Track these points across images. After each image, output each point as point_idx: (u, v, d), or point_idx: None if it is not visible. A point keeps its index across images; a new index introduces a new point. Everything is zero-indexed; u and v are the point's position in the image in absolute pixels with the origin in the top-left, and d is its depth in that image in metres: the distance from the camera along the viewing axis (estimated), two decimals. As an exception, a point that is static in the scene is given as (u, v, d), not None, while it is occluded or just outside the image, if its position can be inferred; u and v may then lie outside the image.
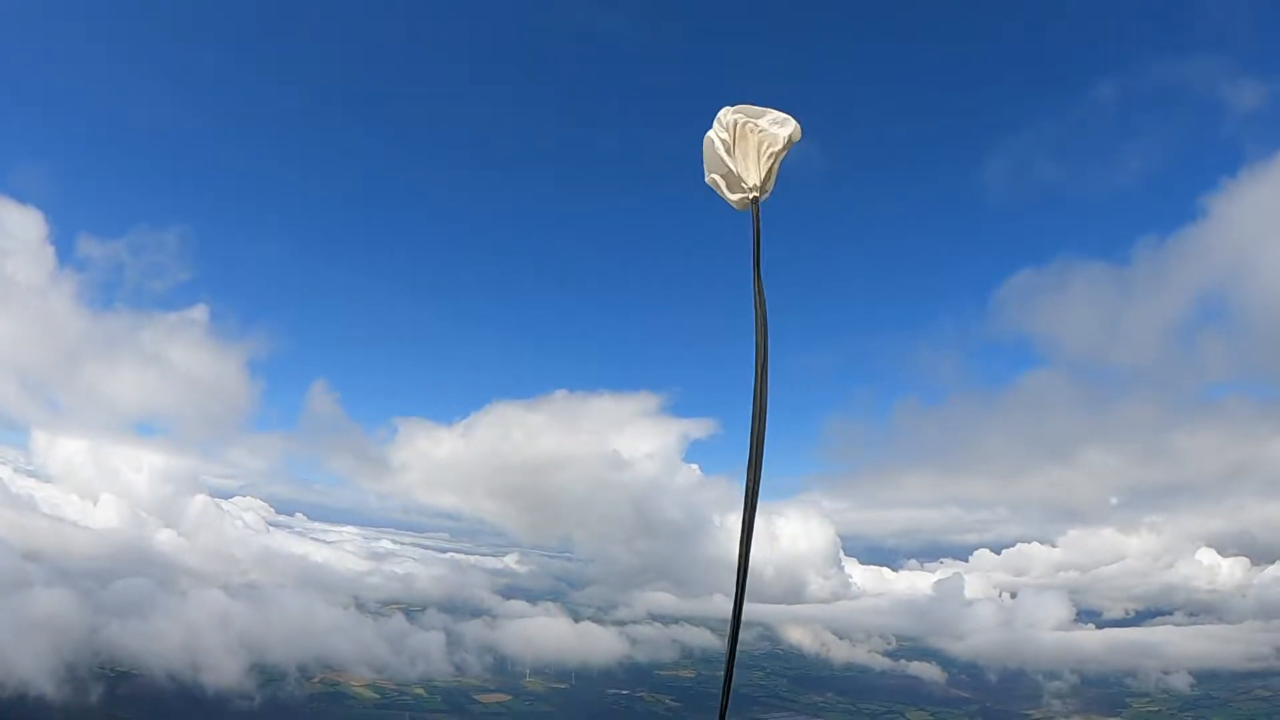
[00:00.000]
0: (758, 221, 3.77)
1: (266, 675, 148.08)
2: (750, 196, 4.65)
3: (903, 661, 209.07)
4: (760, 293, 3.55)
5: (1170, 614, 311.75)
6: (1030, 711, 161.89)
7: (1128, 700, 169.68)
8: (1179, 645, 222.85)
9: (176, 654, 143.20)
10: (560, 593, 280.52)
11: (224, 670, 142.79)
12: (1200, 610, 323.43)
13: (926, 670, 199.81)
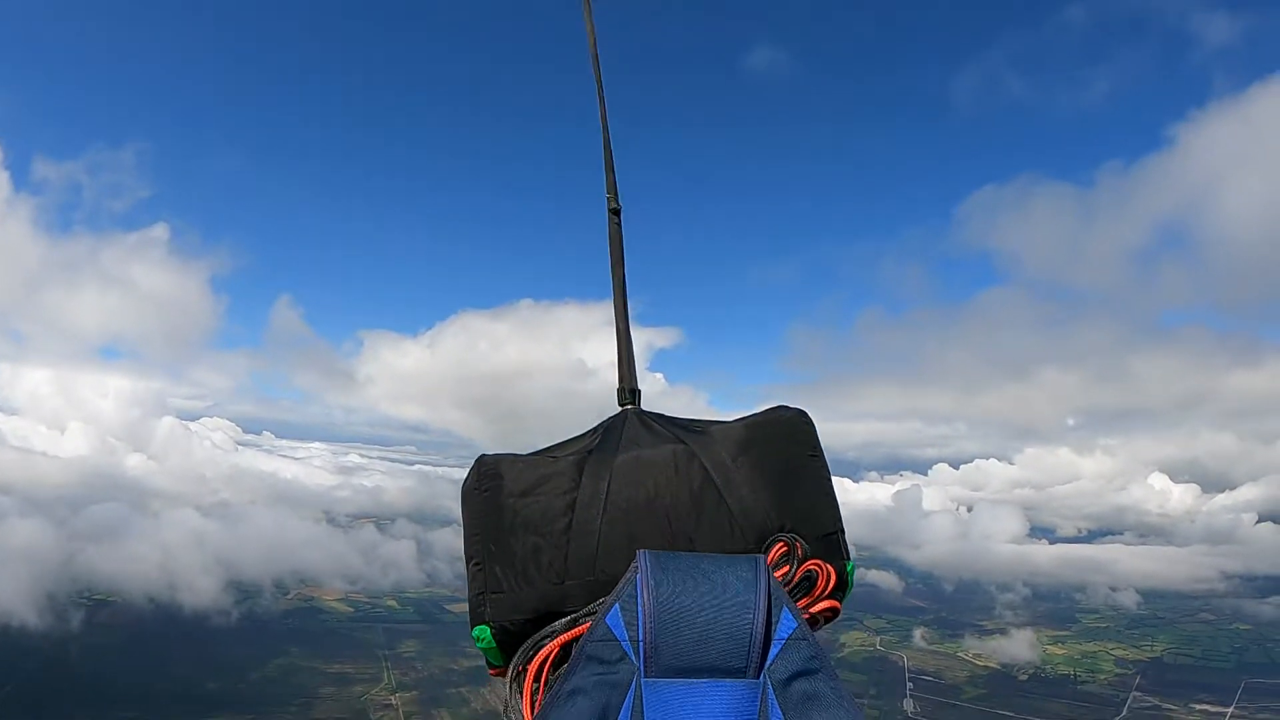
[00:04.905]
0: None
1: (242, 592, 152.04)
2: None
3: (861, 570, 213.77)
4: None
5: (1120, 534, 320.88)
6: (983, 622, 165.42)
7: (1077, 615, 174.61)
8: (1128, 564, 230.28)
9: (153, 576, 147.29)
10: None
11: (200, 589, 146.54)
12: (1150, 533, 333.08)
13: (885, 579, 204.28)
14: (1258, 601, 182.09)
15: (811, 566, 2.54)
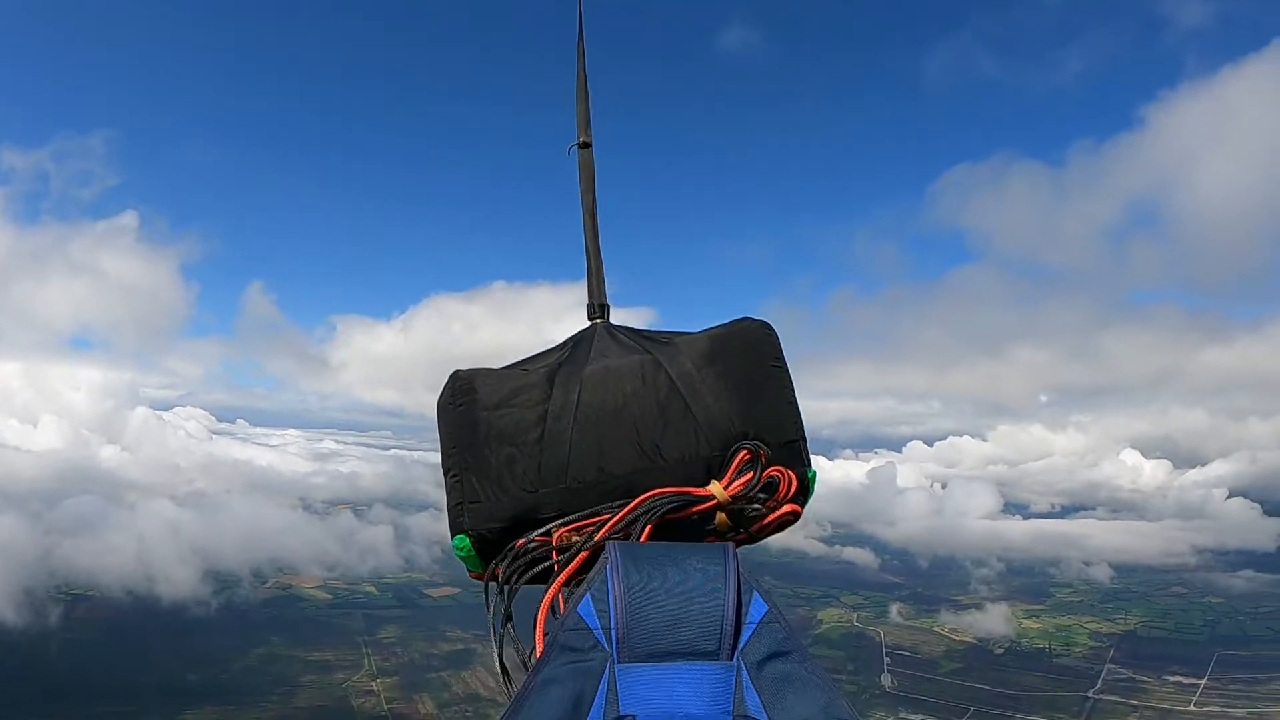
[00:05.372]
0: None
1: (221, 582, 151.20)
2: None
3: (837, 547, 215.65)
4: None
5: (1093, 510, 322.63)
6: (958, 597, 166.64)
7: (1051, 590, 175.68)
8: (1101, 539, 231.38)
9: (130, 568, 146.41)
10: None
11: (178, 580, 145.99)
12: (1122, 508, 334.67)
13: (860, 556, 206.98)
14: (1229, 575, 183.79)
15: (774, 473, 2.63)
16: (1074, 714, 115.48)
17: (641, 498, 2.57)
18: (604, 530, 2.57)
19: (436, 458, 2.71)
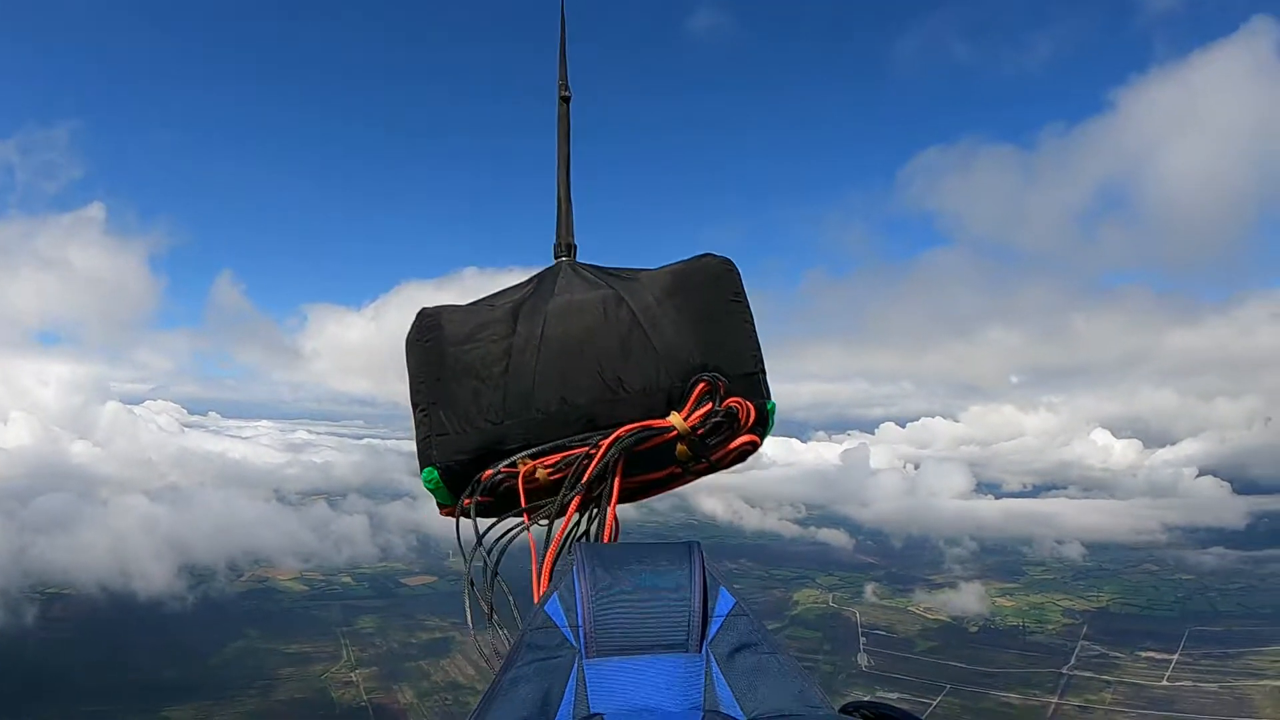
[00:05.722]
0: None
1: (196, 576, 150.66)
2: None
3: (812, 528, 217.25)
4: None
5: (1065, 489, 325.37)
6: (933, 576, 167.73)
7: (1024, 568, 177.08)
8: (1072, 517, 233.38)
9: (105, 564, 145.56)
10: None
11: (154, 576, 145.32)
12: (1093, 487, 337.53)
13: (835, 537, 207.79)
14: (1199, 552, 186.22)
15: (733, 403, 2.78)
16: (1049, 690, 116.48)
17: (606, 443, 2.67)
18: (586, 475, 2.67)
19: (410, 446, 3.01)
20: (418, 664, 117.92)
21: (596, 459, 2.69)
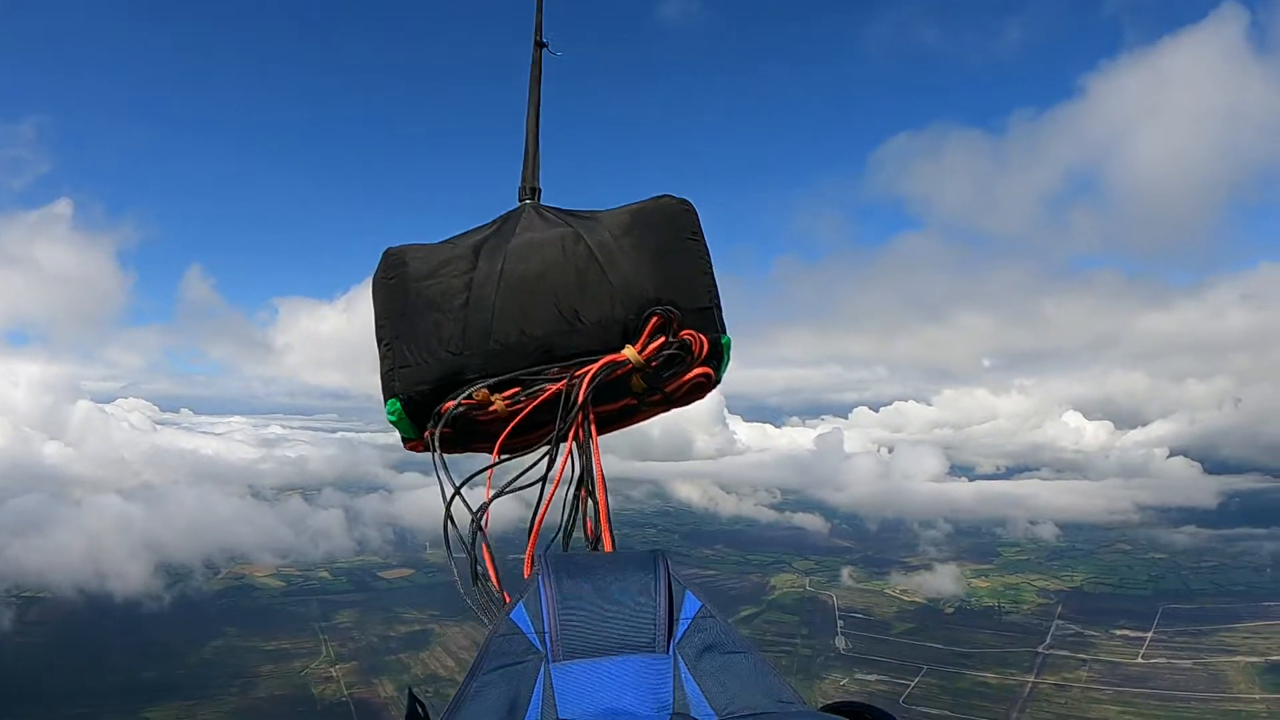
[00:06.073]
0: None
1: (173, 575, 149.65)
2: None
3: (787, 513, 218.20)
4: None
5: (1038, 470, 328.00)
6: (908, 559, 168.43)
7: (999, 549, 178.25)
8: (1046, 499, 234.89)
9: (81, 566, 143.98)
10: (453, 462, 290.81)
11: (130, 576, 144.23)
12: (1066, 468, 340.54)
13: (810, 521, 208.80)
14: (1171, 531, 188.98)
15: (686, 335, 2.90)
16: (1025, 669, 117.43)
17: (586, 382, 2.79)
18: (542, 398, 2.82)
19: (385, 439, 3.24)
20: (397, 657, 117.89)
21: (551, 390, 2.79)
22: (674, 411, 3.17)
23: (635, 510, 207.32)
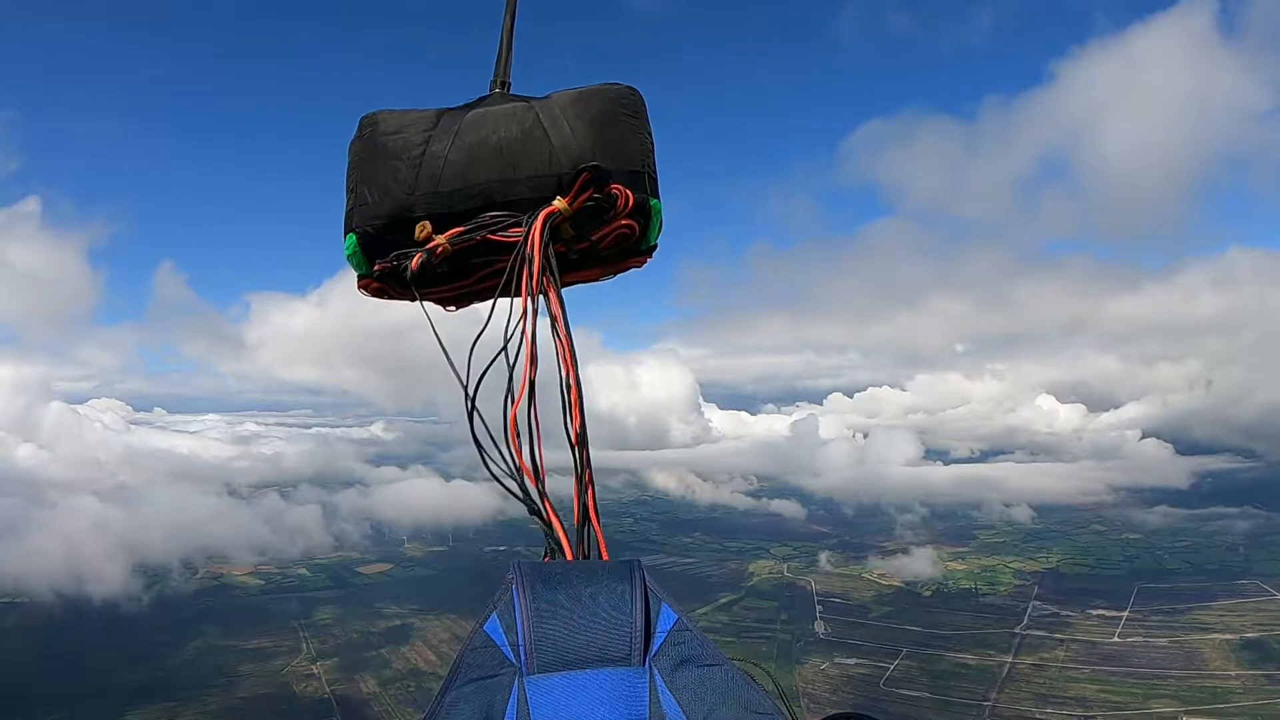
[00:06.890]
0: None
1: (151, 576, 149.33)
2: None
3: (764, 500, 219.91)
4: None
5: (1012, 453, 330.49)
6: (885, 543, 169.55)
7: (975, 532, 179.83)
8: (1020, 481, 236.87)
9: (58, 569, 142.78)
10: (429, 455, 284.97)
11: (108, 578, 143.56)
12: (1040, 451, 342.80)
13: (787, 507, 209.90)
14: (1145, 511, 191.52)
15: (614, 189, 3.10)
16: (1003, 650, 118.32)
17: (489, 215, 3.07)
18: (491, 235, 3.06)
19: (359, 433, 3.40)
20: (378, 652, 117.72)
21: (536, 241, 2.98)
22: (650, 401, 3.33)
23: (612, 499, 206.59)
